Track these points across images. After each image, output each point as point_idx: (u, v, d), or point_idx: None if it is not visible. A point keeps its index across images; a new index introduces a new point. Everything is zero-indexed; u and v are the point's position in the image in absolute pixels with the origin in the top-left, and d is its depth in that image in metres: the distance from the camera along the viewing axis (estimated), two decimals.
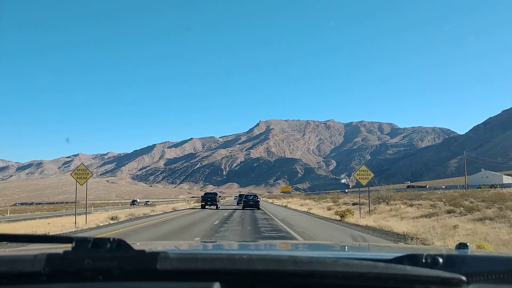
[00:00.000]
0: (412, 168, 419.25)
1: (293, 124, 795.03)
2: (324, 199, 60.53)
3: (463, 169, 69.52)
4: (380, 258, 1.55)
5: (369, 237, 14.05)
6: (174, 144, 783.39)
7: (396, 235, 14.73)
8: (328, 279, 1.16)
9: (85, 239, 1.14)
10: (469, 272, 1.29)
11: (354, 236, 14.30)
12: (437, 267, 1.29)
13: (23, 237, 1.26)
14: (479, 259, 1.55)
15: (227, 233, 15.17)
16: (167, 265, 1.09)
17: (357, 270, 1.15)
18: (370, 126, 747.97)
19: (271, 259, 1.16)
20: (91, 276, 1.11)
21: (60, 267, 1.10)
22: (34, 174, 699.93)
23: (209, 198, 39.11)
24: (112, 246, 1.13)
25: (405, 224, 17.12)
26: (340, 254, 2.16)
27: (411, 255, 1.36)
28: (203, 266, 1.13)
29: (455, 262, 1.37)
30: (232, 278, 1.15)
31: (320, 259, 1.18)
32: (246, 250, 2.42)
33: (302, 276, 1.15)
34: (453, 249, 1.95)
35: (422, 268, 1.23)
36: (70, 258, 1.10)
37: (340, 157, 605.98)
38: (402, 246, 3.83)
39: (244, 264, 1.14)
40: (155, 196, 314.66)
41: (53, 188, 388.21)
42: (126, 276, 1.11)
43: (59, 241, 1.25)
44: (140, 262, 1.10)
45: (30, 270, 1.10)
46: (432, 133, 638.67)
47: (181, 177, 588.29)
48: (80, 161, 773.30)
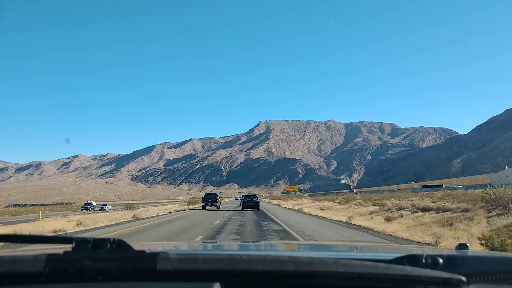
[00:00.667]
0: (414, 168, 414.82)
1: (294, 125, 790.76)
2: (336, 200, 52.80)
3: (467, 169, 67.46)
4: (380, 259, 1.55)
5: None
6: (174, 144, 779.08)
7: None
8: (328, 279, 1.15)
9: (85, 240, 1.14)
10: (469, 273, 1.29)
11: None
12: (437, 267, 1.28)
13: (23, 237, 1.26)
14: (479, 260, 1.54)
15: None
16: (167, 265, 1.09)
17: (357, 271, 1.15)
18: (370, 126, 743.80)
19: (271, 260, 1.16)
20: (91, 276, 1.11)
21: (60, 268, 1.10)
22: (33, 175, 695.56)
23: (209, 199, 39.37)
24: (112, 247, 1.13)
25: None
26: (340, 254, 2.15)
27: (411, 256, 1.36)
28: (203, 266, 1.13)
29: (455, 262, 1.37)
30: (233, 278, 1.15)
31: (320, 260, 1.17)
32: (246, 250, 2.40)
33: (303, 277, 1.15)
34: (453, 249, 1.95)
35: (422, 269, 1.22)
36: (70, 258, 1.10)
37: (341, 157, 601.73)
38: (402, 247, 3.97)
39: (244, 264, 1.14)
40: (154, 197, 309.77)
41: (51, 189, 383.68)
42: (126, 277, 1.11)
43: (59, 242, 1.25)
44: (140, 263, 1.10)
45: (30, 270, 1.10)
46: (434, 133, 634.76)
47: (181, 178, 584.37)
48: (80, 162, 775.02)
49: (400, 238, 14.38)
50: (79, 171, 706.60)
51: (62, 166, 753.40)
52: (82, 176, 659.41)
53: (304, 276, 1.14)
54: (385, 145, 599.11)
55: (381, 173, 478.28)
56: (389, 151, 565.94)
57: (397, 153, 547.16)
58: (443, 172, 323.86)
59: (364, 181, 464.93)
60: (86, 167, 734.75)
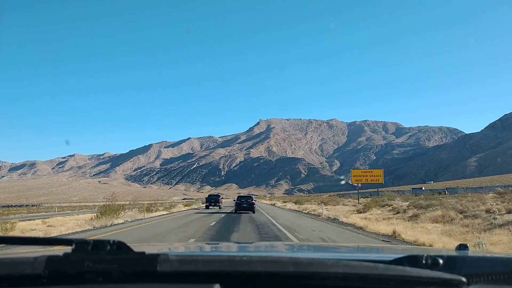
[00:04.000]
0: (425, 168, 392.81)
1: (295, 123, 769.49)
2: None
3: (484, 168, 53.21)
4: (380, 260, 1.55)
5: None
6: (171, 144, 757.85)
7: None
8: (329, 280, 1.15)
9: (85, 241, 1.13)
10: (469, 273, 1.29)
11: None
12: (437, 268, 1.28)
13: (23, 239, 1.25)
14: (479, 260, 1.54)
15: None
16: (167, 267, 1.08)
17: (358, 272, 1.14)
18: (374, 125, 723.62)
19: (271, 261, 1.15)
20: (91, 278, 1.10)
21: (60, 269, 1.09)
22: (27, 174, 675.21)
23: (212, 200, 43.41)
24: (112, 248, 1.12)
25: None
26: (341, 255, 2.14)
27: (411, 256, 1.35)
28: (203, 268, 1.12)
29: (456, 263, 1.36)
30: (233, 279, 1.14)
31: (321, 261, 1.17)
32: (246, 251, 2.38)
33: (303, 278, 1.14)
34: (453, 250, 1.93)
35: (422, 269, 1.22)
36: (70, 260, 1.09)
37: (344, 157, 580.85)
38: (403, 248, 3.77)
39: (244, 265, 1.13)
40: (146, 197, 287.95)
41: (38, 189, 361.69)
42: (126, 278, 1.10)
43: (59, 243, 1.24)
44: (140, 264, 1.09)
45: (30, 272, 1.09)
46: (439, 133, 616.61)
47: (177, 178, 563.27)
48: (75, 162, 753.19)
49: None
50: (73, 171, 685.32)
51: (57, 165, 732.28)
52: (76, 175, 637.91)
53: (304, 277, 1.14)
54: (389, 145, 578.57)
55: (388, 173, 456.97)
56: (394, 150, 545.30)
57: (403, 152, 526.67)
58: (458, 171, 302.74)
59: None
60: (81, 166, 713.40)
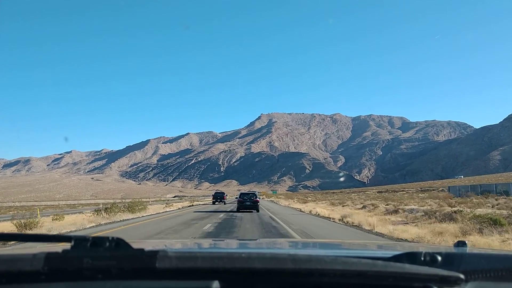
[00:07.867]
0: (442, 163, 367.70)
1: (297, 118, 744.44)
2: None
3: (509, 162, 37.08)
4: (379, 256, 1.55)
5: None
6: (170, 139, 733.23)
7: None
8: (327, 277, 1.15)
9: (84, 238, 1.13)
10: (468, 270, 1.29)
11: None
12: (435, 265, 1.28)
13: (22, 236, 1.25)
14: (477, 257, 1.54)
15: None
16: (166, 263, 1.08)
17: (356, 268, 1.14)
18: (379, 120, 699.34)
19: (270, 258, 1.16)
20: (90, 275, 1.10)
21: (59, 266, 1.09)
22: (21, 171, 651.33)
23: (218, 197, 53.41)
24: (111, 245, 1.12)
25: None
26: (339, 252, 2.14)
27: (410, 253, 1.35)
28: (202, 264, 1.12)
29: (454, 260, 1.37)
30: (232, 276, 1.14)
31: (319, 257, 1.16)
32: (245, 248, 2.39)
33: (302, 274, 1.14)
34: (451, 247, 1.93)
35: (420, 266, 1.22)
36: (69, 257, 1.09)
37: (349, 152, 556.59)
38: (401, 244, 3.96)
39: (243, 262, 1.13)
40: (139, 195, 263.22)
41: (24, 186, 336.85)
42: (125, 275, 1.10)
43: (58, 240, 1.24)
44: (139, 261, 1.09)
45: (29, 269, 1.09)
46: (448, 127, 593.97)
47: (174, 174, 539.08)
48: (71, 158, 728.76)
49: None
50: (68, 167, 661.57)
51: (52, 162, 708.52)
52: (70, 172, 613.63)
53: (303, 274, 1.14)
54: (396, 140, 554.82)
55: (398, 168, 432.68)
56: (402, 145, 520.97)
57: (411, 147, 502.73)
58: (480, 166, 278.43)
59: (379, 177, 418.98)
60: (76, 163, 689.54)
